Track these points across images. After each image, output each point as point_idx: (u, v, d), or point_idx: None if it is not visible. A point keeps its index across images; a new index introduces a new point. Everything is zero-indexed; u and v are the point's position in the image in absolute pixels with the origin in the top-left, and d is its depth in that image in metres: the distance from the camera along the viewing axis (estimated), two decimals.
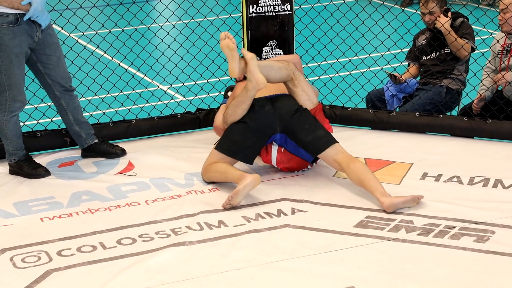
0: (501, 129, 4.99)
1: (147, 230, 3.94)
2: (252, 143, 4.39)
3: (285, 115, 4.36)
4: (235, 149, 4.39)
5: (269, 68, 4.37)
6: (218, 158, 4.40)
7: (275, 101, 4.41)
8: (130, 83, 5.59)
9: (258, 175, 4.20)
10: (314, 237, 3.83)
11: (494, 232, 3.81)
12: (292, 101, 4.43)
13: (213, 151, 4.45)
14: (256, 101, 4.39)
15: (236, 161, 4.45)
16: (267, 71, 4.34)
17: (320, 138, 4.36)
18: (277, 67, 4.40)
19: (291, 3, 5.22)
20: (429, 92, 5.47)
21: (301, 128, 4.35)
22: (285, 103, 4.40)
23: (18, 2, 4.28)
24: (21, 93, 4.48)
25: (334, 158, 4.32)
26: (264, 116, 4.35)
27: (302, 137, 4.36)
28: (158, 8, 7.05)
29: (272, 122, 4.36)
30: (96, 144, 4.88)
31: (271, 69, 4.37)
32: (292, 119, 4.36)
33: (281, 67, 4.41)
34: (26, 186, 4.51)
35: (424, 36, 5.68)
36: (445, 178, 4.47)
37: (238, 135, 4.37)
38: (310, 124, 4.37)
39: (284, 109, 4.37)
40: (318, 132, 4.37)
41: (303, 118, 4.37)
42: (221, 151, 4.41)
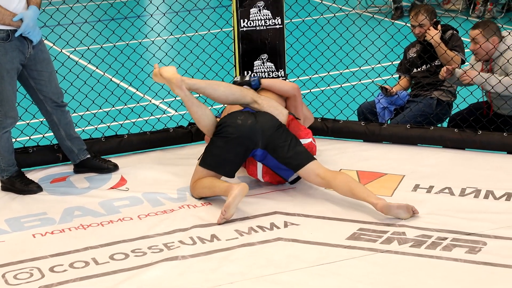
0: (492, 140, 5.01)
1: (140, 245, 3.93)
2: (233, 157, 4.41)
3: (268, 130, 4.39)
4: (217, 163, 4.41)
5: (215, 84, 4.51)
6: (203, 174, 4.43)
7: (258, 116, 4.45)
8: (122, 98, 5.60)
9: (245, 184, 4.21)
10: (307, 250, 3.83)
11: (486, 243, 3.82)
12: (274, 117, 4.47)
13: (197, 167, 4.48)
14: (238, 114, 4.44)
15: (220, 176, 4.46)
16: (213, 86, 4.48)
17: (301, 154, 4.39)
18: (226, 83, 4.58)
19: (282, 17, 5.24)
20: (420, 104, 5.49)
21: (282, 143, 4.38)
22: (268, 118, 4.44)
23: (10, 19, 4.29)
24: (12, 109, 4.48)
25: (316, 173, 4.34)
26: (247, 129, 4.38)
27: (283, 153, 4.38)
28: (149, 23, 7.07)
29: (254, 136, 4.38)
30: (88, 160, 4.88)
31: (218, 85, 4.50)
32: (274, 134, 4.39)
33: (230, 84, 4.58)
34: (18, 202, 4.50)
35: (415, 48, 5.71)
36: (436, 189, 4.48)
37: (219, 149, 4.40)
38: (291, 141, 4.40)
39: (267, 124, 4.40)
40: (299, 148, 4.41)
41: (284, 134, 4.41)
42: (204, 167, 4.44)
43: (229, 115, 4.49)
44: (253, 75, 5.17)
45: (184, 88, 4.39)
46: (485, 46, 5.06)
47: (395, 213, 4.08)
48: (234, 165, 4.46)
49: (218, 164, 4.41)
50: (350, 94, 5.68)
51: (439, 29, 5.49)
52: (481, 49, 5.08)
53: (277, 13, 5.22)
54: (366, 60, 5.66)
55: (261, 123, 4.40)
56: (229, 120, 4.43)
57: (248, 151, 4.41)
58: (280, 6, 5.22)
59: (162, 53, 5.73)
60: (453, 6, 10.48)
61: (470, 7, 10.41)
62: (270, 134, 4.38)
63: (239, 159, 4.45)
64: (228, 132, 4.38)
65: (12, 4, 4.31)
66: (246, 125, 4.37)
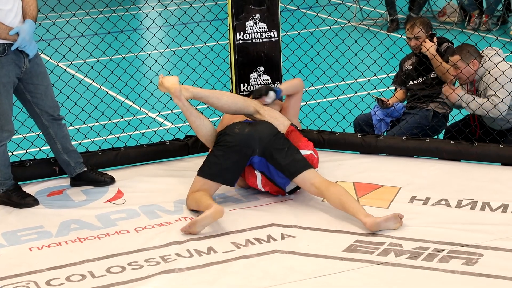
0: (488, 152, 5.02)
1: (137, 258, 3.93)
2: (232, 165, 4.44)
3: (265, 137, 4.43)
4: (216, 172, 4.43)
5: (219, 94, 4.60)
6: (201, 184, 4.44)
7: (255, 124, 4.51)
8: (118, 111, 5.61)
9: (222, 208, 4.17)
10: (304, 262, 3.83)
11: (483, 254, 3.82)
12: (272, 126, 4.53)
13: (196, 178, 4.49)
14: (236, 124, 4.50)
15: (219, 185, 4.48)
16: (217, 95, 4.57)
17: (298, 161, 4.41)
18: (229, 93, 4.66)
19: (278, 30, 5.26)
20: (416, 116, 5.51)
21: (279, 150, 4.41)
22: (265, 126, 4.50)
23: (6, 32, 4.30)
24: (9, 123, 4.48)
25: (312, 182, 4.35)
26: (244, 137, 4.42)
27: (280, 160, 4.40)
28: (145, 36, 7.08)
29: (251, 143, 4.41)
30: (85, 173, 4.88)
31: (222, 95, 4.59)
32: (271, 141, 4.43)
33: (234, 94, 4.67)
34: (15, 216, 4.50)
35: (410, 61, 5.73)
36: (433, 201, 4.49)
37: (217, 158, 4.43)
38: (288, 148, 4.44)
39: (264, 131, 4.45)
40: (296, 155, 4.43)
41: (282, 142, 4.46)
42: (202, 176, 4.46)
43: (227, 126, 4.53)
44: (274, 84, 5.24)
45: (183, 98, 4.46)
46: (466, 70, 5.11)
47: (385, 226, 4.10)
48: (233, 173, 4.47)
49: (217, 173, 4.43)
50: (346, 106, 5.70)
51: (434, 41, 5.51)
52: (462, 74, 5.13)
53: (273, 26, 5.24)
54: (362, 72, 5.68)
55: (258, 131, 4.45)
56: (227, 130, 4.48)
57: (246, 158, 4.43)
58: (275, 19, 5.25)
59: (159, 66, 5.75)
60: (448, 19, 10.51)
61: (465, 19, 10.45)
62: (268, 141, 4.42)
63: (238, 167, 4.47)
64: (226, 140, 4.42)
65: (8, 18, 4.32)
66: (243, 133, 4.42)
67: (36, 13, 4.47)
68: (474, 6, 10.19)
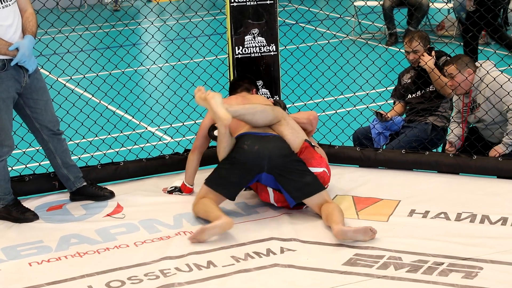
0: (487, 165, 5.03)
1: (136, 272, 3.93)
2: (237, 180, 4.45)
3: (275, 157, 4.40)
4: (221, 184, 4.45)
5: (253, 109, 4.47)
6: (206, 192, 4.48)
7: (266, 141, 4.45)
8: (118, 126, 5.62)
9: (231, 220, 4.23)
10: (303, 276, 3.83)
11: (482, 268, 3.82)
12: (285, 144, 4.47)
13: (203, 185, 4.52)
14: (246, 139, 4.45)
15: (224, 197, 4.49)
16: (251, 111, 4.44)
17: (305, 186, 4.40)
18: (261, 107, 4.49)
19: (276, 44, 5.28)
20: (414, 129, 5.52)
21: (288, 172, 4.40)
22: (277, 145, 4.44)
23: (5, 48, 4.31)
24: (9, 138, 4.49)
25: (318, 206, 4.41)
26: (253, 154, 4.40)
27: (288, 181, 4.40)
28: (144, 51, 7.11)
29: (259, 161, 4.39)
30: (85, 187, 4.88)
31: (255, 109, 4.47)
32: (281, 162, 4.40)
33: (265, 107, 4.50)
34: (15, 231, 4.50)
35: (409, 74, 5.75)
36: (432, 214, 4.49)
37: (225, 171, 4.45)
38: (297, 170, 4.41)
39: (275, 151, 4.41)
40: (305, 178, 4.41)
41: (291, 163, 4.42)
42: (208, 185, 4.48)
43: (237, 140, 4.50)
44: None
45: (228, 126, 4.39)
46: (461, 80, 5.11)
47: (352, 236, 4.12)
48: (237, 188, 4.50)
49: (222, 185, 4.45)
50: (345, 119, 5.71)
51: (433, 55, 5.53)
52: (456, 83, 5.13)
53: (271, 40, 5.26)
54: (361, 86, 5.69)
55: (269, 149, 4.41)
56: (237, 144, 4.46)
57: (253, 175, 4.44)
58: (274, 33, 5.27)
59: (158, 80, 5.76)
60: (446, 32, 10.55)
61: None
62: (277, 161, 4.40)
63: (243, 183, 4.49)
64: (234, 157, 4.42)
65: (8, 34, 4.34)
66: (252, 151, 4.40)
67: (35, 29, 4.49)
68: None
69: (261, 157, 4.39)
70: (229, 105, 4.45)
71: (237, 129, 4.59)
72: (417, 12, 10.11)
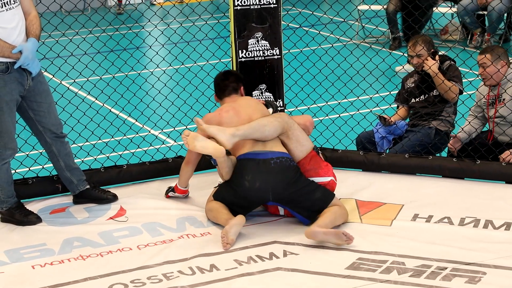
0: (490, 170, 5.02)
1: (139, 275, 3.93)
2: (244, 207, 4.44)
3: (280, 190, 4.35)
4: (228, 204, 4.44)
5: (260, 126, 4.39)
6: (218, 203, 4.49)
7: (267, 173, 4.33)
8: (121, 129, 5.62)
9: (243, 216, 4.28)
10: (306, 279, 3.83)
11: (486, 272, 3.81)
12: (286, 173, 4.35)
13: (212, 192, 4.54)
14: (246, 174, 4.35)
15: None
16: (259, 129, 4.38)
17: (319, 200, 4.39)
18: (267, 121, 4.43)
19: (280, 48, 5.28)
20: (418, 133, 5.51)
21: (297, 201, 4.38)
22: (278, 176, 4.34)
23: (9, 51, 4.32)
24: (12, 141, 4.49)
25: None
26: (255, 192, 4.36)
27: (298, 207, 4.39)
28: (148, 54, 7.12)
29: (263, 196, 4.37)
30: (88, 190, 4.88)
31: (263, 127, 4.40)
32: (287, 194, 4.36)
33: (271, 121, 4.44)
34: (18, 234, 4.50)
35: (413, 78, 5.74)
36: (436, 219, 4.48)
37: (231, 197, 4.43)
38: (306, 194, 4.37)
39: (278, 184, 4.34)
40: (313, 195, 4.39)
41: (299, 192, 4.36)
42: (217, 199, 4.49)
43: (237, 172, 4.40)
44: None
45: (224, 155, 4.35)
46: (493, 70, 5.09)
47: (323, 238, 4.12)
48: (245, 211, 4.45)
49: (229, 205, 4.44)
50: (348, 123, 5.70)
51: (437, 59, 5.53)
52: (488, 74, 5.11)
53: (275, 43, 5.26)
54: (364, 90, 5.69)
55: (271, 183, 4.33)
56: (238, 174, 4.39)
57: (259, 205, 4.51)
58: (278, 37, 5.27)
59: (161, 83, 5.77)
60: (450, 37, 10.55)
61: (467, 37, 10.48)
62: (282, 195, 4.36)
63: (249, 210, 4.49)
64: (236, 190, 4.39)
65: (12, 37, 4.34)
66: (254, 188, 4.34)
67: (39, 32, 4.49)
68: (476, 24, 10.23)
69: (264, 192, 4.35)
70: (236, 129, 4.34)
71: (237, 149, 4.49)
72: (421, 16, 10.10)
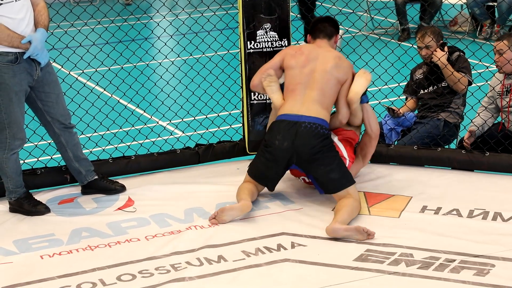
0: (500, 162, 5.01)
1: (147, 266, 3.93)
2: (272, 175, 4.58)
3: (303, 154, 4.45)
4: (258, 177, 4.61)
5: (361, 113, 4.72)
6: (249, 178, 4.65)
7: (293, 134, 4.46)
8: (129, 120, 5.62)
9: (249, 204, 4.39)
10: (314, 271, 3.83)
11: (494, 265, 3.80)
12: (313, 140, 4.45)
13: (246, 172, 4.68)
14: (278, 133, 4.50)
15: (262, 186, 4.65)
16: (358, 114, 4.71)
17: (333, 181, 4.44)
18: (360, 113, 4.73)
19: (289, 39, 5.27)
20: (426, 125, 5.49)
21: (316, 168, 4.46)
22: (305, 142, 4.45)
23: (18, 41, 4.32)
24: (21, 131, 4.50)
25: (339, 198, 4.44)
26: (282, 152, 4.48)
27: (316, 176, 4.48)
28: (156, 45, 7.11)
29: (289, 157, 4.49)
30: (96, 181, 4.89)
31: (360, 113, 4.72)
32: (309, 159, 4.45)
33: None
34: (26, 224, 4.51)
35: (421, 70, 5.72)
36: (444, 211, 4.47)
37: (261, 165, 4.59)
38: (325, 166, 4.44)
39: (303, 149, 4.44)
40: (332, 174, 4.44)
41: (320, 161, 4.45)
42: (249, 174, 4.65)
43: (271, 132, 4.57)
44: None
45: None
46: (509, 56, 5.07)
47: (344, 235, 4.13)
48: (273, 181, 4.62)
49: (259, 178, 4.61)
50: None
51: (446, 50, 5.50)
52: (505, 60, 5.09)
53: (283, 35, 5.25)
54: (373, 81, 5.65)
55: (297, 146, 4.45)
56: (270, 139, 4.54)
57: (285, 168, 4.58)
58: (286, 28, 5.25)
59: (169, 74, 5.76)
60: (459, 28, 10.50)
61: (477, 29, 10.44)
62: (305, 158, 4.45)
63: (277, 176, 4.61)
64: (266, 152, 4.53)
65: (20, 27, 4.34)
66: (282, 148, 4.47)
67: (48, 22, 4.49)
68: (485, 15, 10.18)
69: (289, 153, 4.47)
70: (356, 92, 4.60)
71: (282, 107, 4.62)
72: (430, 8, 10.07)
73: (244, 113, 5.29)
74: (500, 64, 5.17)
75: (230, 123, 5.81)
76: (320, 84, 4.57)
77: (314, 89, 4.56)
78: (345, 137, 4.76)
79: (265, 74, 4.68)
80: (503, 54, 5.10)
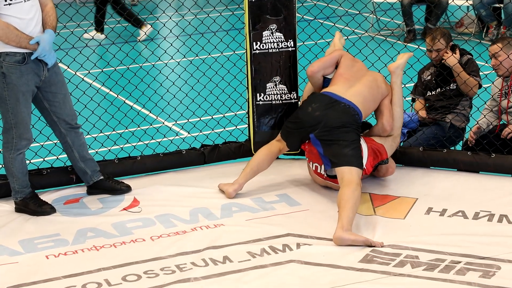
0: (505, 163, 4.99)
1: (152, 266, 3.94)
2: (297, 136, 4.76)
3: (328, 125, 4.57)
4: (287, 134, 4.80)
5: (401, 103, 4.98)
6: (279, 138, 4.87)
7: (329, 107, 4.63)
8: (135, 120, 5.63)
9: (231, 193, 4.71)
10: (319, 272, 3.82)
11: (500, 267, 3.80)
12: (344, 116, 4.60)
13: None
14: (315, 101, 4.70)
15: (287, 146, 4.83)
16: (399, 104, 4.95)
17: (344, 156, 4.49)
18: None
19: (295, 40, 5.27)
20: (432, 127, 5.48)
21: (334, 140, 4.55)
22: (338, 116, 4.61)
23: (26, 42, 4.33)
24: (27, 131, 4.51)
25: (342, 176, 4.43)
26: (311, 118, 4.64)
27: (329, 148, 4.55)
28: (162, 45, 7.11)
29: (315, 124, 4.61)
30: (102, 181, 4.90)
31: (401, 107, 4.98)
32: (332, 131, 4.56)
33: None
34: (32, 224, 4.52)
35: (429, 71, 5.71)
36: (450, 213, 4.47)
37: (290, 125, 4.79)
38: (344, 140, 4.54)
39: (333, 121, 4.58)
40: (346, 150, 4.50)
41: (341, 135, 4.56)
42: (280, 132, 4.87)
43: (308, 100, 4.78)
44: None
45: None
46: (506, 61, 5.07)
47: (350, 244, 4.09)
48: (297, 142, 4.81)
49: (286, 137, 4.81)
50: None
51: (457, 53, 5.47)
52: (501, 64, 5.08)
53: (289, 35, 5.25)
54: None
55: (327, 117, 4.60)
56: (306, 104, 4.75)
57: (308, 132, 4.67)
58: (292, 29, 5.25)
59: (175, 75, 5.77)
60: (466, 30, 10.48)
61: (483, 30, 10.41)
62: (329, 130, 4.57)
63: (301, 138, 4.76)
64: (298, 115, 4.74)
65: (29, 28, 4.36)
66: (313, 115, 4.63)
67: (55, 23, 4.50)
68: (492, 17, 10.16)
69: (317, 122, 4.60)
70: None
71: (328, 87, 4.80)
72: (436, 9, 10.05)
73: (250, 114, 5.29)
74: (495, 66, 5.18)
75: (236, 124, 5.81)
76: (369, 86, 4.81)
77: (364, 86, 4.78)
78: (374, 148, 4.73)
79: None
80: (497, 57, 5.10)
